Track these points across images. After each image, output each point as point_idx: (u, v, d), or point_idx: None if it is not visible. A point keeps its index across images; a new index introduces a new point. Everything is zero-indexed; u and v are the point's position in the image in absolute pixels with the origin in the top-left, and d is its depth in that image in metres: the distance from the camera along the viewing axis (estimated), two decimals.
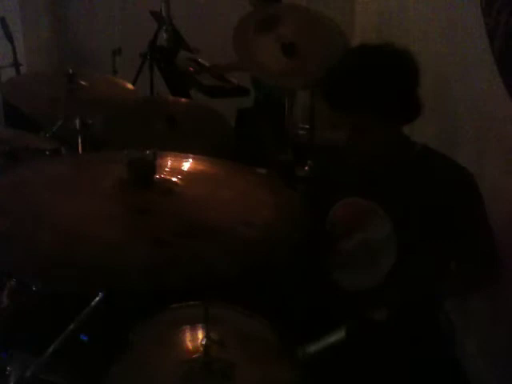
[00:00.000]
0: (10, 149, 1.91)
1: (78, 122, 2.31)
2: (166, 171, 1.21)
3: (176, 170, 1.26)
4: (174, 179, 1.18)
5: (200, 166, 1.35)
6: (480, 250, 1.57)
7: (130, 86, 2.57)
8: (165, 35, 3.09)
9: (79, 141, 2.28)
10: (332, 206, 1.67)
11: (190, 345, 1.39)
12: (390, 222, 1.56)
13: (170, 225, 1.04)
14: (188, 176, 1.24)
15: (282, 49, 2.52)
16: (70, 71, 2.29)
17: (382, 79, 1.47)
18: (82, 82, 2.33)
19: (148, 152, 1.11)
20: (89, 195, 1.13)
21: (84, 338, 1.53)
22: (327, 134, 2.79)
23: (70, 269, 0.96)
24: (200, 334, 1.36)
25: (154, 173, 1.12)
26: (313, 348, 1.35)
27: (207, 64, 3.52)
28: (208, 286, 1.19)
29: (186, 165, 1.33)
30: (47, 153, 2.22)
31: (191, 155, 1.37)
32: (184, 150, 1.50)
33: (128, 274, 0.96)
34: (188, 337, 1.41)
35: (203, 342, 1.30)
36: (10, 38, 3.46)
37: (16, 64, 3.48)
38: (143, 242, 1.01)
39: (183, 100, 2.56)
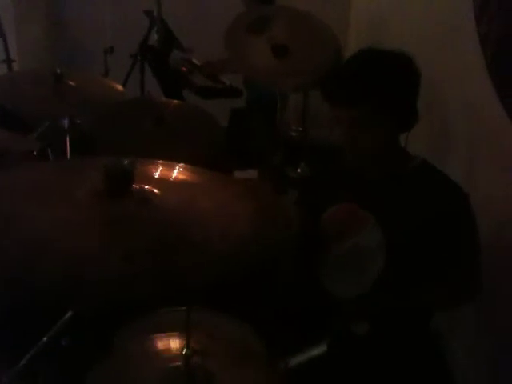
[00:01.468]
0: None
1: (66, 122, 2.29)
2: (145, 180, 1.18)
3: (156, 179, 1.23)
4: (152, 189, 1.15)
5: (182, 176, 1.32)
6: (464, 269, 1.57)
7: (118, 86, 2.55)
8: (156, 36, 3.07)
9: (67, 142, 2.26)
10: (324, 210, 1.67)
11: (171, 352, 1.37)
12: (380, 232, 1.56)
13: (143, 237, 1.02)
14: (168, 186, 1.21)
15: (273, 50, 2.51)
16: (58, 71, 2.27)
17: (391, 78, 1.51)
18: (70, 82, 2.31)
19: (127, 161, 1.08)
20: (61, 203, 1.10)
21: (64, 342, 1.51)
22: (320, 135, 2.80)
23: (34, 280, 0.93)
24: (182, 342, 1.34)
25: (132, 183, 1.09)
26: (294, 361, 1.34)
27: (200, 64, 3.51)
28: (180, 299, 1.19)
29: (168, 174, 1.30)
30: (34, 153, 2.21)
31: (174, 163, 1.34)
32: (174, 151, 1.48)
33: (96, 287, 0.94)
34: (169, 344, 1.40)
35: (184, 352, 1.29)
36: (2, 34, 3.44)
37: (8, 60, 3.46)
38: (114, 255, 0.98)
39: (173, 101, 2.53)
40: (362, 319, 1.37)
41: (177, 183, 1.27)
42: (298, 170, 2.95)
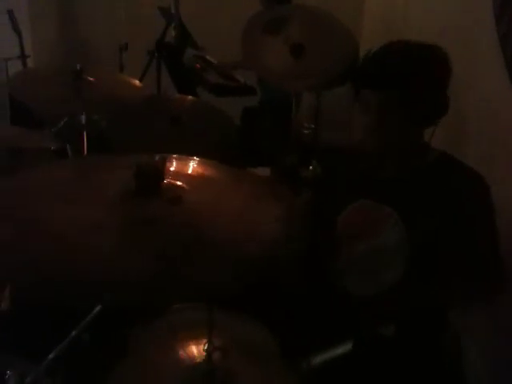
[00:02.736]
0: (15, 147, 1.89)
1: (83, 118, 2.29)
2: (171, 176, 1.17)
3: (181, 175, 1.22)
4: (182, 185, 1.14)
5: (205, 171, 1.30)
6: (486, 263, 1.55)
7: (136, 82, 2.55)
8: (173, 32, 3.07)
9: (84, 138, 2.26)
10: (341, 209, 1.66)
11: (191, 350, 1.37)
12: (402, 229, 1.54)
13: (171, 237, 1.01)
14: (193, 182, 1.20)
15: (290, 50, 2.50)
16: (78, 67, 2.27)
17: (422, 69, 1.50)
18: (89, 78, 2.31)
19: (157, 158, 1.08)
20: (90, 203, 1.09)
21: (86, 338, 1.51)
22: (332, 137, 2.80)
23: (63, 281, 0.93)
24: (202, 340, 1.34)
25: (162, 180, 1.09)
26: (318, 359, 1.34)
27: (215, 62, 3.50)
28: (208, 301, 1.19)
29: (191, 169, 1.29)
30: (52, 148, 2.21)
31: (195, 158, 1.32)
32: (188, 148, 1.47)
33: (125, 289, 0.93)
34: (190, 342, 1.40)
35: (206, 349, 1.29)
36: (17, 30, 3.45)
37: (23, 56, 3.48)
38: (144, 256, 0.98)
39: (188, 98, 2.54)
40: (388, 321, 1.36)
41: (202, 179, 1.24)
42: (310, 168, 2.95)
